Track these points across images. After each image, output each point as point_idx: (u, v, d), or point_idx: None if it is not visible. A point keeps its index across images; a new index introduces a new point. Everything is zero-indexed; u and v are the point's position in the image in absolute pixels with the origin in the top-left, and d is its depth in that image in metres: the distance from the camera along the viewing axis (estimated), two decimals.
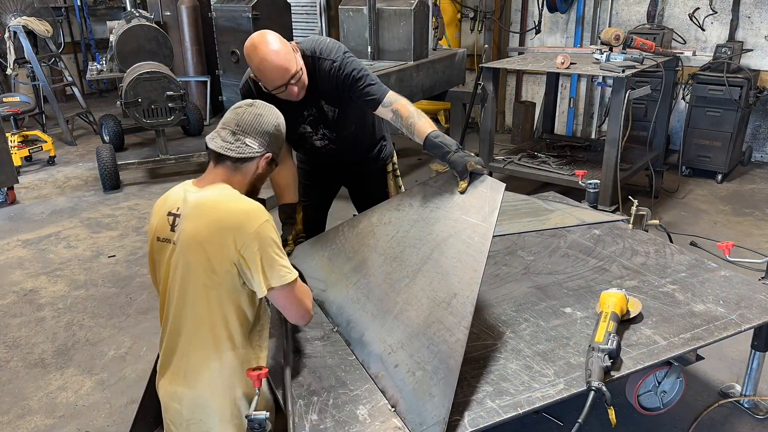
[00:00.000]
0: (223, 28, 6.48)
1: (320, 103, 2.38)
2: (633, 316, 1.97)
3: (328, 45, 2.32)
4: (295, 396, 1.70)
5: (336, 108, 2.40)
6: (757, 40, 5.29)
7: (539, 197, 3.05)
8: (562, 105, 6.27)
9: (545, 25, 6.38)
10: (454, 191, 2.00)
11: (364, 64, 2.35)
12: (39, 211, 4.87)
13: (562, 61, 4.03)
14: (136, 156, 6.01)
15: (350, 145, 2.55)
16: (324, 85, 2.32)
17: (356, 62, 2.32)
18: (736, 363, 2.69)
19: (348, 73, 2.28)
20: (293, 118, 2.39)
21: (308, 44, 2.32)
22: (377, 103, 2.26)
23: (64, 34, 8.43)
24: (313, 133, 2.48)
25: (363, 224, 2.28)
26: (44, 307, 3.44)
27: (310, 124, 2.46)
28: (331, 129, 2.46)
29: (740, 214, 4.47)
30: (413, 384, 1.64)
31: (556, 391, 1.68)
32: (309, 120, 2.44)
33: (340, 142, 2.50)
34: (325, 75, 2.30)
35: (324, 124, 2.45)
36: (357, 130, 2.53)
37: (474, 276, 1.71)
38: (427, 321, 1.75)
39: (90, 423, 2.52)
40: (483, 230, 1.81)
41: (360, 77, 2.28)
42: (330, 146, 2.51)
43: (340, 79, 2.28)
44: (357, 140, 2.57)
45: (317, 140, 2.50)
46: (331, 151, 2.53)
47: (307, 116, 2.42)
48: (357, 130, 2.52)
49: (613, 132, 3.87)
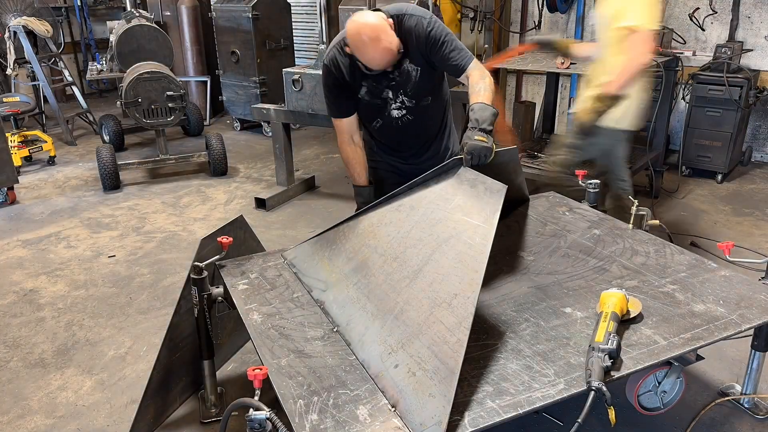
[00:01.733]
0: (223, 28, 6.49)
1: (403, 63, 2.46)
2: (633, 316, 1.97)
3: (415, 7, 2.44)
4: (295, 396, 1.70)
5: (418, 67, 2.48)
6: (757, 40, 5.30)
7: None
8: (562, 105, 6.27)
9: (545, 25, 6.38)
10: (455, 192, 2.00)
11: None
12: (39, 211, 4.87)
13: (562, 61, 4.03)
14: (136, 156, 6.01)
15: (423, 119, 2.62)
16: (409, 43, 2.41)
17: (444, 26, 2.44)
18: (736, 363, 2.70)
19: (437, 34, 2.39)
20: (377, 82, 2.49)
21: (394, 8, 2.43)
22: (461, 70, 2.42)
23: (64, 34, 8.43)
24: (393, 101, 2.54)
25: (363, 224, 2.28)
26: (44, 307, 3.44)
27: (392, 89, 2.52)
28: (410, 96, 2.53)
29: (740, 214, 4.47)
30: (413, 384, 1.64)
31: (557, 391, 1.68)
32: (392, 84, 2.50)
33: (416, 112, 2.57)
34: (412, 32, 2.40)
35: (404, 90, 2.52)
36: (432, 104, 2.62)
37: (475, 277, 1.72)
38: (427, 321, 1.75)
39: (90, 423, 2.52)
40: (484, 231, 1.82)
41: (447, 41, 2.40)
42: (407, 117, 2.57)
43: (429, 38, 2.39)
44: (430, 115, 2.65)
45: (395, 110, 2.56)
46: (406, 124, 2.59)
47: (390, 78, 2.48)
48: (432, 103, 2.61)
49: None
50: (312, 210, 4.78)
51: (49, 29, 6.59)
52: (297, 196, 5.06)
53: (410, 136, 2.69)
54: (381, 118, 2.65)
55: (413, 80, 2.50)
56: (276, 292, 2.28)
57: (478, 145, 2.12)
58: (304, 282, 2.34)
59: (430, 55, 2.43)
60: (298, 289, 2.29)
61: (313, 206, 4.86)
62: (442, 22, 2.47)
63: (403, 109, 2.56)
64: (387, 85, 2.51)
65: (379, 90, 2.53)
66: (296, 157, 5.54)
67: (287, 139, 5.00)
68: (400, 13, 2.40)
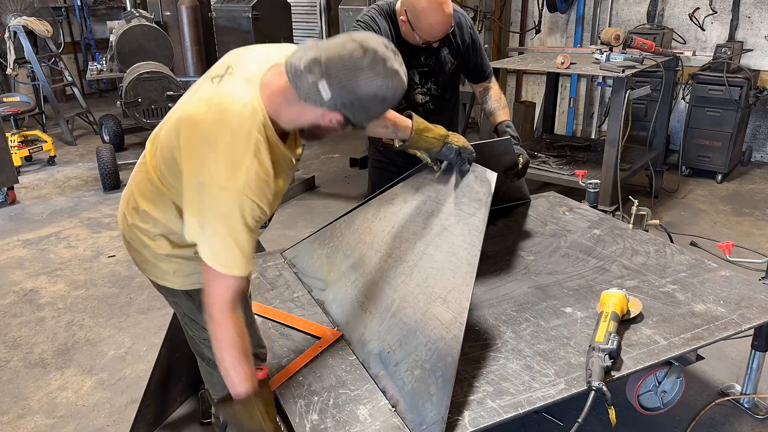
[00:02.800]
0: (223, 28, 6.48)
1: (442, 53, 2.48)
2: (633, 316, 1.97)
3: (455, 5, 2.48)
4: (296, 396, 1.70)
5: (455, 60, 2.52)
6: (757, 40, 5.29)
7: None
8: (562, 105, 6.27)
9: (545, 25, 6.38)
10: (447, 182, 2.00)
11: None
12: (39, 211, 4.87)
13: (562, 61, 4.03)
14: (136, 156, 5.96)
15: (443, 112, 2.63)
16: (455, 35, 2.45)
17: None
18: (736, 363, 2.69)
19: (476, 36, 2.51)
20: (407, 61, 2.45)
21: None
22: (485, 76, 2.57)
23: (64, 34, 8.43)
24: (419, 86, 2.53)
25: (359, 220, 2.28)
26: (44, 307, 3.44)
27: (421, 74, 2.51)
28: (438, 85, 2.55)
29: (740, 214, 4.47)
30: (412, 383, 1.64)
31: (557, 391, 1.68)
32: (423, 69, 2.50)
33: (440, 103, 2.59)
34: (460, 25, 2.45)
35: (435, 79, 2.53)
36: (452, 100, 2.67)
37: (468, 270, 1.71)
38: (424, 318, 1.75)
39: (90, 423, 2.52)
40: (476, 222, 1.81)
41: (480, 45, 2.54)
42: (429, 105, 2.58)
43: (471, 33, 2.48)
44: (448, 110, 2.68)
45: (420, 94, 2.55)
46: (428, 112, 2.58)
47: (422, 63, 2.48)
48: (452, 99, 2.67)
49: (613, 132, 3.87)
50: (312, 210, 4.78)
51: (49, 29, 6.59)
52: (297, 196, 5.06)
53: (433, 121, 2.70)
54: (404, 100, 2.63)
55: (446, 71, 2.52)
56: (276, 292, 2.28)
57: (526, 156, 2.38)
58: (304, 282, 2.34)
59: (467, 51, 2.49)
60: (298, 289, 2.29)
61: (312, 206, 4.86)
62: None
63: (428, 96, 2.55)
64: (417, 67, 2.49)
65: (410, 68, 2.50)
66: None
67: None
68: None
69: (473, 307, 2.03)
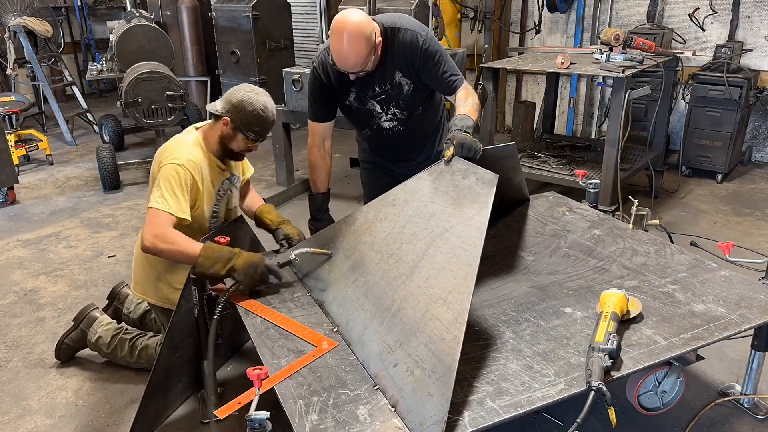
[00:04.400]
0: (223, 28, 6.48)
1: (395, 77, 2.41)
2: (633, 316, 1.97)
3: (410, 20, 2.38)
4: (295, 396, 1.70)
5: (411, 82, 2.43)
6: (757, 40, 5.30)
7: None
8: (562, 105, 6.27)
9: (545, 25, 6.38)
10: (448, 183, 1.99)
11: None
12: (39, 211, 4.87)
13: (562, 61, 4.03)
14: (136, 156, 6.01)
15: (416, 128, 2.59)
16: (401, 56, 2.36)
17: (439, 43, 2.40)
18: (736, 363, 2.69)
19: (431, 51, 2.34)
20: (363, 92, 2.44)
21: (388, 18, 2.37)
22: (452, 90, 2.38)
23: (64, 34, 8.44)
24: (382, 113, 2.50)
25: (360, 221, 2.28)
26: (44, 307, 3.43)
27: (380, 102, 2.47)
28: (402, 108, 2.49)
29: (740, 214, 4.47)
30: (412, 383, 1.64)
31: (557, 391, 1.68)
32: (380, 98, 2.46)
33: (409, 124, 2.54)
34: (406, 46, 2.34)
35: (395, 103, 2.48)
36: (425, 113, 2.59)
37: (469, 271, 1.71)
38: (424, 318, 1.75)
39: (90, 423, 2.52)
40: (477, 224, 1.81)
41: (441, 60, 2.36)
42: (399, 128, 2.54)
43: (423, 54, 2.34)
44: (423, 123, 2.62)
45: (386, 121, 2.52)
46: (398, 135, 2.55)
47: (378, 92, 2.44)
48: (425, 112, 2.58)
49: (613, 132, 3.87)
50: None
51: (49, 29, 6.59)
52: (297, 196, 5.06)
53: (402, 145, 2.65)
54: (369, 129, 2.62)
55: (405, 93, 2.46)
56: (276, 292, 2.28)
57: (467, 139, 2.09)
58: (304, 282, 2.34)
59: (422, 70, 2.38)
60: (298, 289, 2.29)
61: None
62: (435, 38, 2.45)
63: (395, 121, 2.53)
64: (374, 97, 2.47)
65: (365, 99, 2.49)
66: (296, 157, 5.53)
67: (287, 139, 5.00)
68: (395, 26, 2.35)
69: (473, 308, 2.03)
